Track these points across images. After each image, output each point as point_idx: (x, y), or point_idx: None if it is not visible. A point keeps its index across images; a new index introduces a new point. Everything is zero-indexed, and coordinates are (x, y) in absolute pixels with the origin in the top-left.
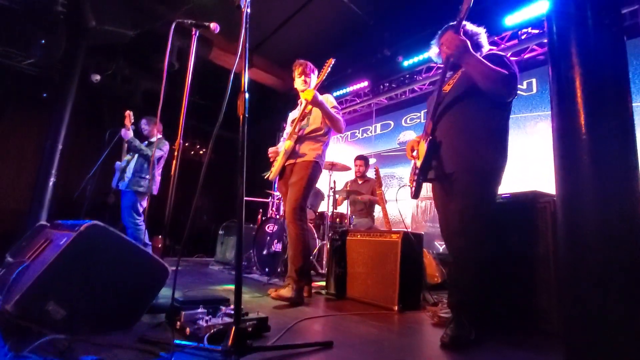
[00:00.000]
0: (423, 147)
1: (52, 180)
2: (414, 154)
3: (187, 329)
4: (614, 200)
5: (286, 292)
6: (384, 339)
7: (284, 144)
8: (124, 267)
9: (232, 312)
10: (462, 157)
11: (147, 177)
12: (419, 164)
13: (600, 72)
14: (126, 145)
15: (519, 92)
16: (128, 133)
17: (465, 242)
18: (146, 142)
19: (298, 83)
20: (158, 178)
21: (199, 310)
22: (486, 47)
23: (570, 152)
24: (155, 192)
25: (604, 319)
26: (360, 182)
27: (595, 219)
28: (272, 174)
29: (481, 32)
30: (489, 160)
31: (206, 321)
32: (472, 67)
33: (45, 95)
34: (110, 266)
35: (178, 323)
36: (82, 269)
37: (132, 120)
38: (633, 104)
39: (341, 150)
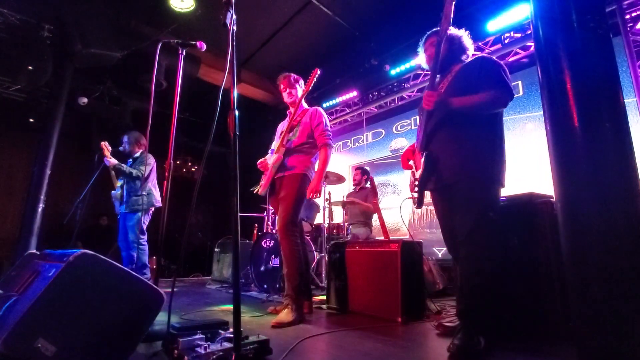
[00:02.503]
0: (419, 157)
1: (41, 206)
2: (410, 163)
3: (185, 358)
4: (615, 200)
5: (285, 316)
6: (390, 354)
7: (272, 157)
8: (116, 297)
9: (232, 336)
10: (463, 166)
11: (144, 193)
12: (417, 174)
13: (590, 74)
14: (113, 172)
15: None
16: (111, 161)
17: (471, 250)
18: (130, 161)
19: (286, 98)
20: (156, 191)
21: (197, 336)
22: (471, 49)
23: (566, 155)
24: (158, 204)
25: (614, 319)
26: (357, 190)
27: (597, 221)
28: (261, 188)
29: (463, 35)
30: (489, 167)
31: (205, 348)
32: (460, 110)
33: (32, 120)
34: (102, 296)
35: (175, 351)
36: (72, 302)
37: (110, 149)
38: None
39: (333, 160)
